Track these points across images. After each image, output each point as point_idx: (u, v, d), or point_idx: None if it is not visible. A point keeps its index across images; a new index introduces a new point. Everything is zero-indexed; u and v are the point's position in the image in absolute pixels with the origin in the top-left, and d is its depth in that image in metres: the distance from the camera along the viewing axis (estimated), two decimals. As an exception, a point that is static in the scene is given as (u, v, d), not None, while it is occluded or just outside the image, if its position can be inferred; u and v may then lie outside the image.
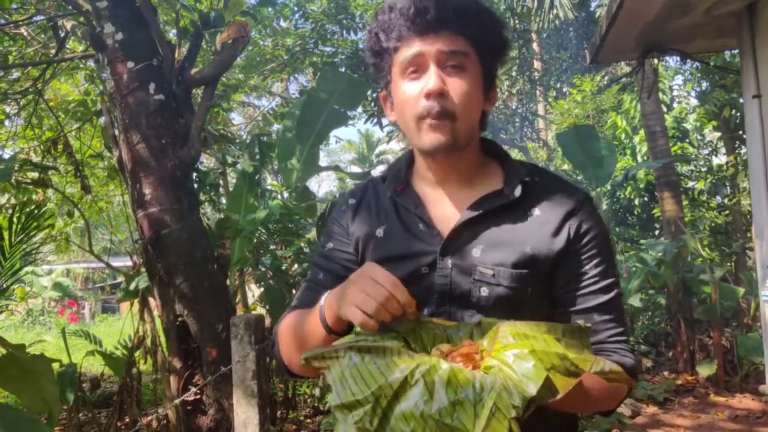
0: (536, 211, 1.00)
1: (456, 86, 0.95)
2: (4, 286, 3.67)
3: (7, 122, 5.51)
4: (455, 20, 0.95)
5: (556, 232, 0.98)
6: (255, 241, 4.08)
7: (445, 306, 0.98)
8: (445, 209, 1.03)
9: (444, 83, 0.95)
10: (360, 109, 8.33)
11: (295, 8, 8.92)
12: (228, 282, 3.48)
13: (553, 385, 0.73)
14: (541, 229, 0.98)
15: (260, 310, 4.71)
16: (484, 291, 0.96)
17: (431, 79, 0.94)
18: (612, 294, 0.99)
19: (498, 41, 1.02)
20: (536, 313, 0.95)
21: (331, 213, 1.16)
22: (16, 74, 5.28)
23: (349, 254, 1.09)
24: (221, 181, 5.06)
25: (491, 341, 0.81)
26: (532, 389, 0.71)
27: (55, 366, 2.95)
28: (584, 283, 0.98)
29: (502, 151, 1.09)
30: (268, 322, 3.44)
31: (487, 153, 1.09)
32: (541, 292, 0.98)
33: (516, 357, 0.74)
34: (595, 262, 0.99)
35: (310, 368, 0.81)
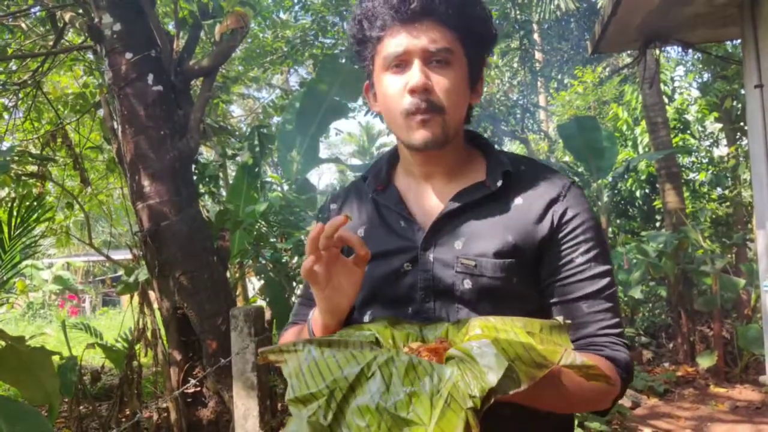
0: (519, 200, 0.97)
1: (441, 82, 0.93)
2: (4, 279, 3.66)
3: (5, 115, 5.48)
4: (440, 10, 0.92)
5: (539, 220, 0.95)
6: (255, 233, 4.08)
7: (429, 302, 0.95)
8: (428, 203, 1.01)
9: (428, 78, 0.92)
10: (360, 101, 8.30)
11: (295, 0, 8.87)
12: (228, 274, 3.47)
13: (516, 376, 0.68)
14: (523, 217, 0.96)
15: (260, 303, 4.72)
16: (468, 283, 0.93)
17: (415, 75, 0.92)
18: (602, 284, 0.94)
19: (485, 33, 0.98)
20: (524, 304, 0.93)
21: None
22: (14, 66, 5.25)
23: None
24: (221, 173, 5.05)
25: (463, 336, 0.80)
26: (493, 379, 0.66)
27: (56, 359, 2.96)
28: (570, 272, 0.94)
29: (486, 143, 1.07)
30: (268, 314, 3.44)
31: (471, 145, 1.07)
32: (527, 282, 0.95)
33: (478, 347, 0.71)
34: (581, 250, 0.95)
35: None
